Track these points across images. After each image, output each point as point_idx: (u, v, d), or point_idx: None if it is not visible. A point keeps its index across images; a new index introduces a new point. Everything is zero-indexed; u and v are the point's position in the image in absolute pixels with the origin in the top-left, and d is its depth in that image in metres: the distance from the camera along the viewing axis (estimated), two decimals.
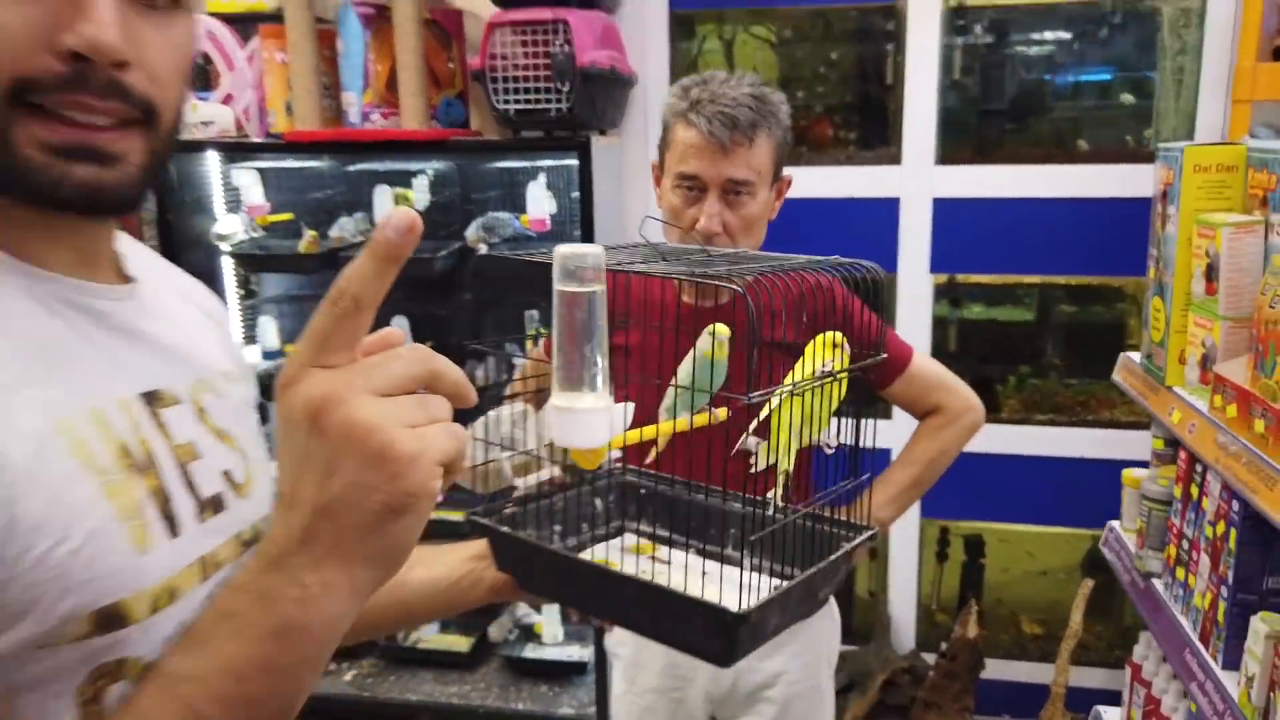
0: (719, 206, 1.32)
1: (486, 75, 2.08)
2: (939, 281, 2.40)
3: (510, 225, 2.29)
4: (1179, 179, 1.15)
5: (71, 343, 0.58)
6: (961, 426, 1.46)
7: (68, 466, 0.53)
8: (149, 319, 0.65)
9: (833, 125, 2.54)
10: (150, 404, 0.61)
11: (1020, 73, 2.43)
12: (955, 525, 2.54)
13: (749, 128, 1.29)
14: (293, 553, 0.49)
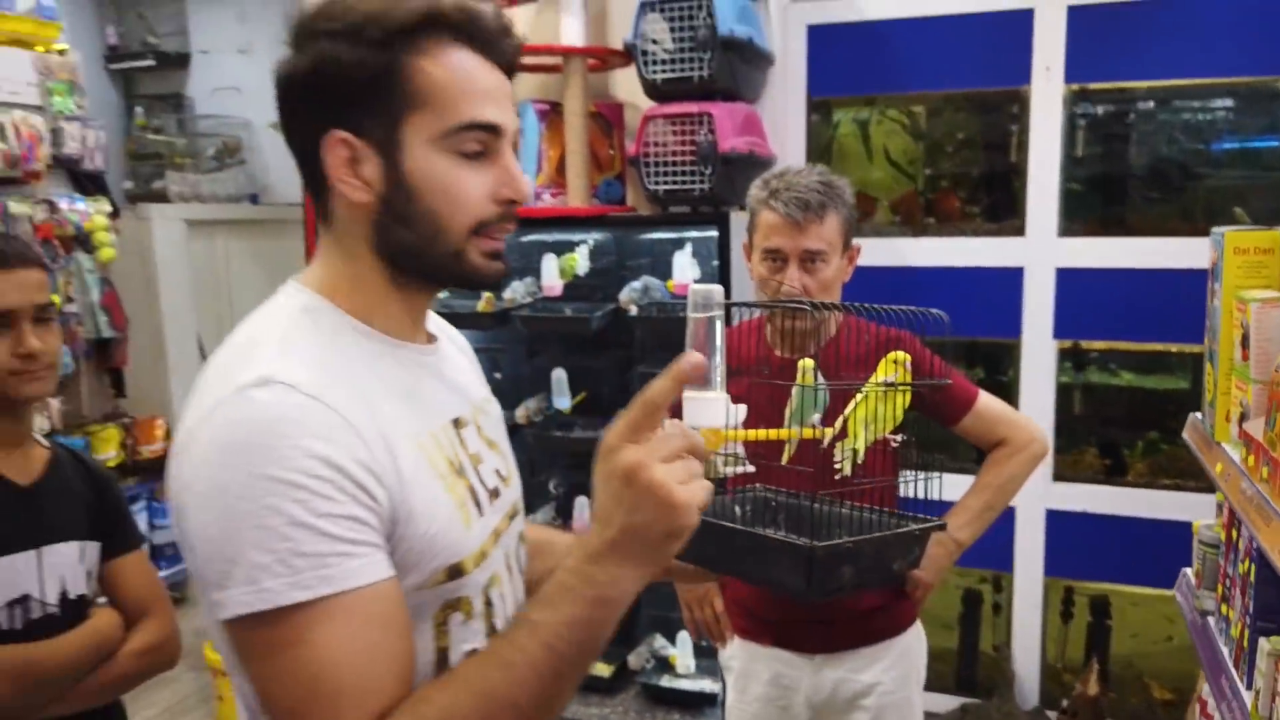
0: (799, 273, 1.58)
1: (641, 160, 2.39)
2: (1063, 346, 2.50)
3: (658, 290, 2.57)
4: (1221, 259, 1.29)
5: (415, 387, 0.87)
6: (1027, 456, 1.65)
7: (427, 474, 0.82)
8: (446, 365, 0.96)
9: (961, 199, 2.70)
10: (456, 427, 0.91)
11: (1138, 152, 2.54)
12: (1080, 585, 2.59)
13: (819, 207, 1.55)
14: (605, 554, 0.75)
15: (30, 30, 3.65)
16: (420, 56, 0.82)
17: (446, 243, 0.85)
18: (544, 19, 2.75)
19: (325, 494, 0.73)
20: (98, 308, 3.81)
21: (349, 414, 0.77)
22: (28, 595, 1.37)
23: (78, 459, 1.53)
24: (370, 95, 0.82)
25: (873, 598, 1.64)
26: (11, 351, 1.35)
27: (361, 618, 0.74)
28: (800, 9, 2.64)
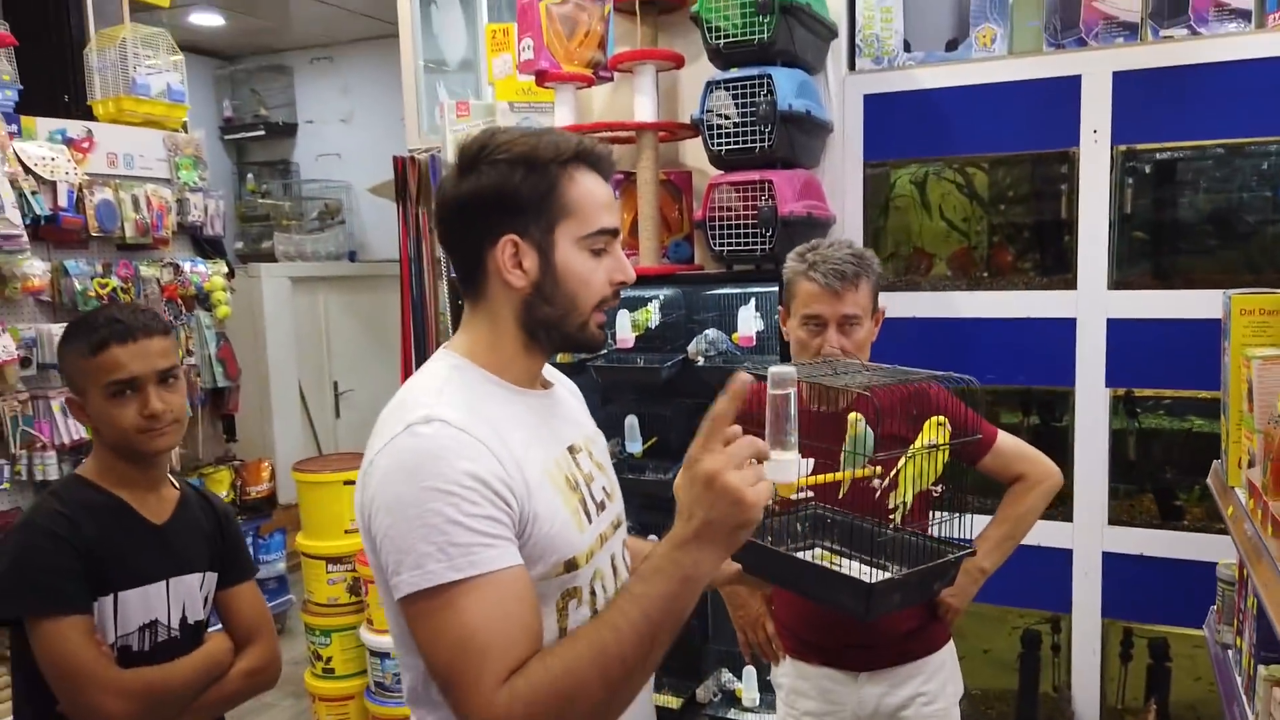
0: (837, 336, 1.76)
1: (707, 223, 2.59)
2: (1116, 394, 2.59)
3: (724, 342, 2.76)
4: (1229, 319, 1.41)
5: (538, 423, 1.15)
6: (1044, 490, 1.82)
7: (550, 490, 1.09)
8: (560, 406, 1.24)
9: (1014, 254, 2.83)
10: (571, 453, 1.18)
11: (1184, 208, 2.63)
12: (1139, 627, 2.64)
13: (854, 276, 1.75)
14: (689, 542, 0.96)
15: (162, 112, 4.07)
16: (569, 180, 1.11)
17: (577, 317, 1.14)
18: (619, 96, 3.01)
19: (472, 500, 0.99)
20: (214, 359, 4.16)
21: (489, 442, 1.03)
22: (156, 620, 1.56)
23: (203, 496, 1.72)
24: (534, 207, 1.10)
25: (909, 621, 1.81)
26: (139, 413, 1.52)
27: (499, 593, 0.98)
28: (857, 80, 2.83)
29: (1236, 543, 1.28)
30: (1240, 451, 1.38)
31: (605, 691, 0.95)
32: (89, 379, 1.53)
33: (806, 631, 1.88)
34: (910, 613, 1.81)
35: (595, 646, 0.96)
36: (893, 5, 2.79)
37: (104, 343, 1.52)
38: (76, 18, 4.24)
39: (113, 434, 1.53)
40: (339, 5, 5.86)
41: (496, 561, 0.98)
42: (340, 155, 6.79)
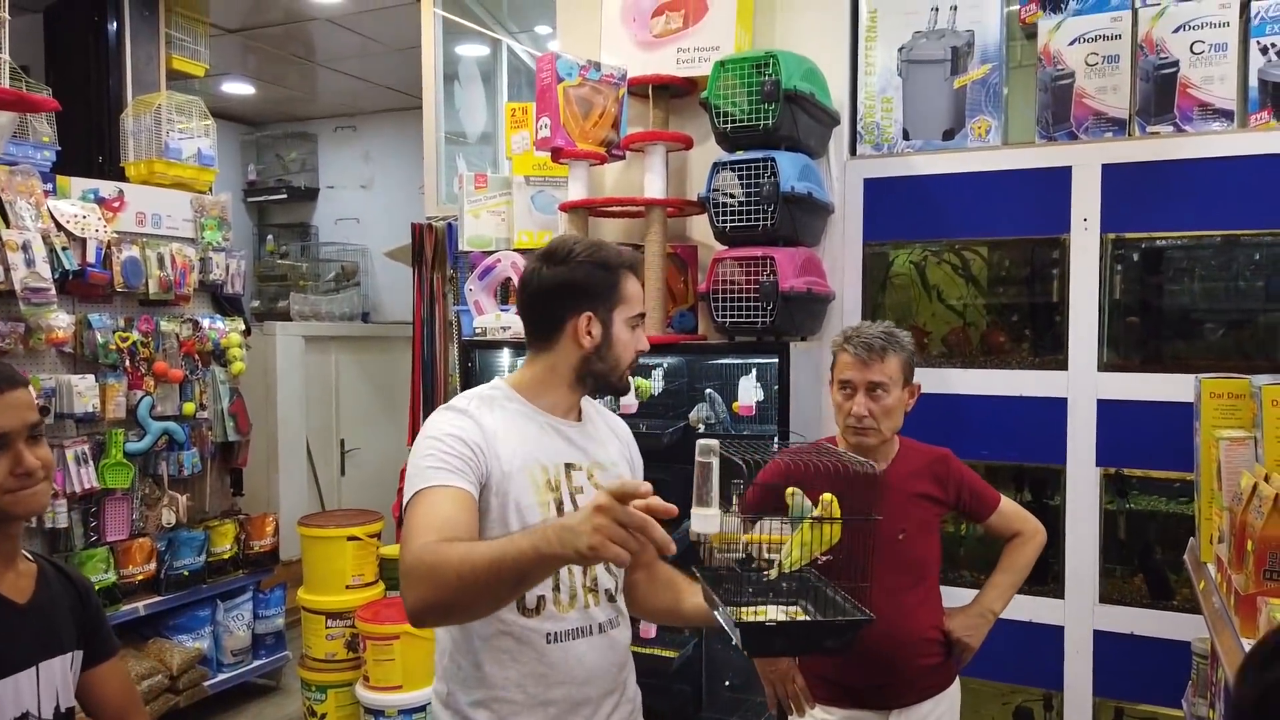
0: (865, 400, 2.01)
1: (711, 295, 2.69)
2: (1106, 473, 2.65)
3: (724, 411, 2.83)
4: (1199, 402, 1.49)
5: (544, 440, 1.59)
6: (1036, 544, 2.16)
7: (525, 479, 1.53)
8: (584, 437, 1.66)
9: (1006, 334, 2.92)
10: (567, 468, 1.59)
11: (1172, 294, 2.73)
12: (1130, 707, 2.65)
13: (881, 350, 2.00)
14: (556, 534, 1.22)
15: (192, 175, 4.24)
16: (625, 279, 1.62)
17: (617, 371, 1.64)
18: (630, 174, 3.14)
19: (446, 446, 1.49)
20: (226, 414, 4.25)
21: (484, 425, 1.54)
22: (27, 713, 1.38)
23: (59, 569, 1.54)
24: (604, 295, 1.60)
25: (931, 658, 2.05)
26: (10, 471, 1.38)
27: (445, 500, 1.43)
28: (858, 164, 2.95)
29: (1205, 615, 1.34)
30: (1212, 528, 1.44)
31: (457, 575, 1.28)
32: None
33: (835, 674, 2.06)
34: (929, 651, 2.04)
35: (473, 546, 1.33)
36: (893, 96, 2.94)
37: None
38: (115, 84, 4.45)
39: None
40: (364, 78, 6.10)
41: (447, 481, 1.45)
42: (359, 220, 6.98)
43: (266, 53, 5.66)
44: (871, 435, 2.04)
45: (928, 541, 2.10)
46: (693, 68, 2.94)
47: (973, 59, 2.87)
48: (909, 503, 2.07)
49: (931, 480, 2.10)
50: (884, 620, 1.87)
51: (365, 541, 3.52)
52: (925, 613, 2.08)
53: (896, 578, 1.97)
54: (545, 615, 1.52)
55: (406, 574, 1.34)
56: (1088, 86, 2.72)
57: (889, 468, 2.07)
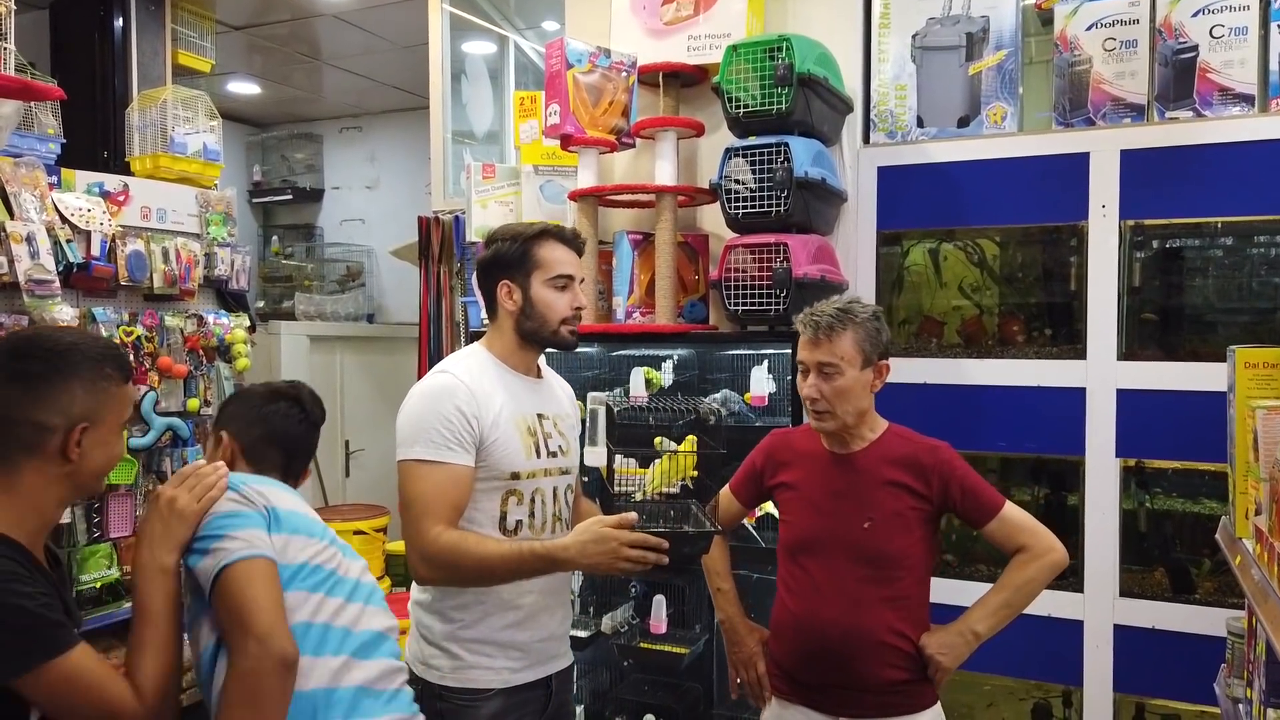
0: (816, 380, 1.90)
1: (723, 284, 2.65)
2: (1126, 465, 2.60)
3: (735, 402, 2.79)
4: (1233, 374, 1.44)
5: (520, 395, 1.91)
6: (1044, 564, 1.86)
7: (510, 427, 1.85)
8: (547, 389, 2.02)
9: (1023, 323, 2.87)
10: (539, 417, 1.93)
11: (1192, 281, 2.68)
12: (1152, 702, 2.59)
13: (828, 329, 1.88)
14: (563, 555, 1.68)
15: (197, 170, 4.20)
16: (534, 246, 1.89)
17: (547, 327, 1.91)
18: (641, 161, 3.11)
19: (450, 426, 1.75)
20: None
21: (474, 390, 1.80)
22: None
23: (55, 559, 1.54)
24: (517, 264, 1.90)
25: (895, 671, 1.86)
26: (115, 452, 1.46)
27: (444, 476, 1.72)
28: (871, 152, 2.92)
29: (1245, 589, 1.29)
30: (1247, 502, 1.39)
31: (477, 569, 1.69)
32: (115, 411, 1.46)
33: (793, 666, 1.95)
34: (896, 663, 1.86)
35: (488, 549, 1.70)
36: (907, 83, 2.90)
37: (130, 375, 1.49)
38: (121, 79, 4.43)
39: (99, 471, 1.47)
40: (370, 77, 6.08)
41: (451, 458, 1.73)
42: (364, 221, 6.95)
43: (272, 51, 5.65)
44: (827, 419, 1.91)
45: (902, 537, 1.89)
46: (704, 55, 2.91)
47: (988, 45, 2.83)
48: (879, 490, 1.90)
49: (909, 469, 1.91)
50: (836, 612, 1.88)
51: (371, 536, 3.48)
52: (887, 614, 1.87)
53: (854, 567, 1.88)
54: (520, 537, 1.86)
55: (429, 560, 1.69)
56: (1105, 72, 2.68)
57: (862, 451, 1.95)
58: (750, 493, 2.15)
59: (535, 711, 1.90)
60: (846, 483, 1.94)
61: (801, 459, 2.02)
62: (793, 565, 1.99)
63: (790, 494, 2.02)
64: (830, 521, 1.93)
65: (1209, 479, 2.59)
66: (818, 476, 1.98)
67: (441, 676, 1.82)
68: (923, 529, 1.92)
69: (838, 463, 1.97)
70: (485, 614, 1.82)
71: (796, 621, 1.94)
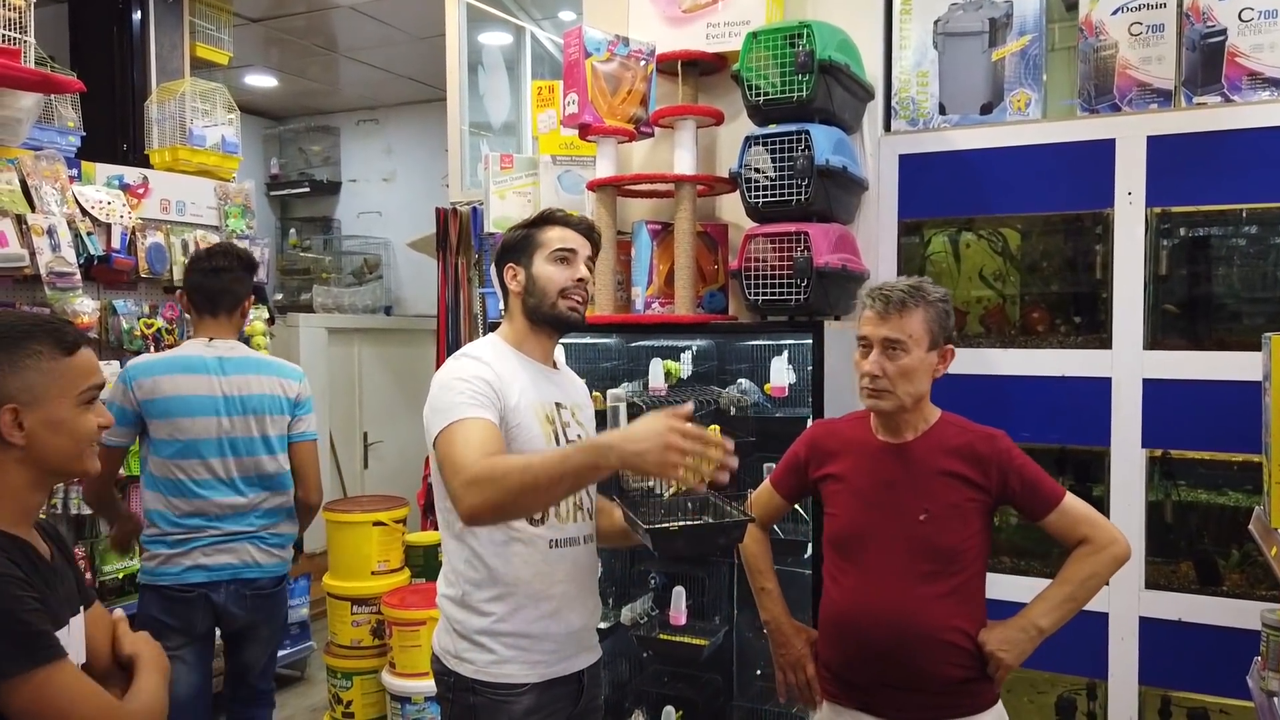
0: (878, 356, 1.83)
1: (742, 273, 2.62)
2: (1152, 455, 2.57)
3: (755, 393, 2.77)
4: (1269, 361, 1.42)
5: (538, 383, 1.90)
6: (1108, 556, 1.81)
7: (530, 414, 1.84)
8: (563, 380, 2.02)
9: (1048, 312, 2.84)
10: (557, 406, 1.91)
11: (1220, 269, 2.64)
12: (1178, 695, 2.56)
13: (899, 304, 1.82)
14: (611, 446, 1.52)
15: (215, 162, 4.22)
16: (537, 230, 1.94)
17: (547, 299, 1.90)
18: (659, 151, 3.09)
19: (475, 386, 1.75)
20: None
21: (497, 369, 1.82)
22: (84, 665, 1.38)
23: (45, 529, 1.50)
24: (521, 248, 1.94)
25: (955, 670, 1.78)
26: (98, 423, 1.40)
27: (477, 426, 1.69)
28: (892, 140, 2.89)
29: None
30: None
31: (520, 482, 1.56)
32: (57, 385, 1.35)
33: (846, 670, 1.87)
34: (956, 662, 1.78)
35: (528, 457, 1.64)
36: (928, 69, 2.87)
37: (76, 344, 1.37)
38: (139, 71, 4.44)
39: (65, 451, 1.37)
40: (386, 68, 6.08)
41: (476, 413, 1.71)
42: (381, 213, 6.97)
43: (289, 43, 5.65)
44: (886, 399, 1.83)
45: (960, 530, 1.82)
46: (723, 43, 2.88)
47: (1011, 30, 2.79)
48: (935, 481, 1.83)
49: (967, 460, 1.84)
50: (892, 610, 1.80)
51: (391, 527, 3.48)
52: (947, 611, 1.79)
53: (913, 563, 1.80)
54: (548, 526, 1.83)
55: (473, 481, 1.59)
56: (1131, 57, 2.64)
57: (915, 440, 1.88)
58: (793, 486, 2.07)
59: (566, 708, 1.88)
60: (900, 473, 1.86)
61: (849, 448, 1.94)
62: (841, 560, 1.91)
63: (838, 486, 1.94)
64: (883, 514, 1.85)
65: (1236, 470, 2.55)
66: (868, 467, 1.90)
67: (476, 671, 1.80)
68: (980, 521, 1.85)
69: (890, 452, 1.88)
70: (518, 606, 1.80)
71: (848, 620, 1.86)
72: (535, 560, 1.81)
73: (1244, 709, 2.47)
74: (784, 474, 2.08)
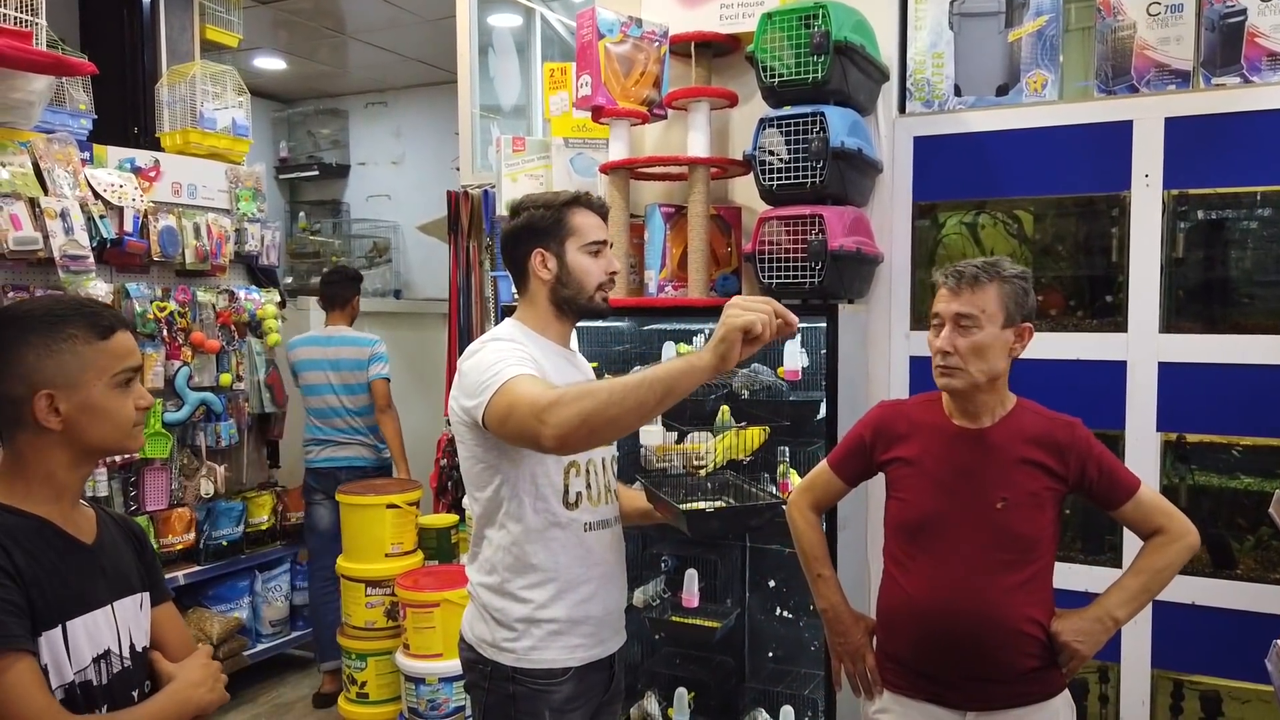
0: (950, 334, 1.79)
1: (756, 256, 2.62)
2: (1167, 439, 2.56)
3: (768, 375, 2.77)
4: None
5: (564, 367, 1.89)
6: (1182, 546, 1.79)
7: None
8: (575, 362, 1.99)
9: (1064, 296, 2.82)
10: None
11: (1237, 253, 2.62)
12: (1190, 679, 2.57)
13: (972, 279, 1.78)
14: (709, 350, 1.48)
15: (226, 145, 4.22)
16: (568, 213, 1.88)
17: (584, 294, 1.89)
18: (672, 133, 3.07)
19: (517, 352, 1.72)
20: (262, 385, 4.24)
21: (528, 349, 1.77)
22: (109, 650, 1.38)
23: (112, 515, 1.54)
24: (551, 231, 1.88)
25: (1029, 660, 1.76)
26: (136, 405, 1.40)
27: (528, 382, 1.62)
28: (907, 122, 2.87)
29: None
30: None
31: (608, 401, 1.48)
32: (93, 368, 1.35)
33: (916, 659, 1.84)
34: (1031, 652, 1.77)
35: (611, 380, 1.54)
36: (944, 50, 2.85)
37: (112, 327, 1.38)
38: (150, 54, 4.43)
39: (104, 434, 1.37)
40: (395, 50, 6.06)
41: (525, 369, 1.66)
42: (390, 196, 6.96)
43: (298, 25, 5.63)
44: (957, 376, 1.77)
45: (1037, 519, 1.78)
46: (736, 24, 2.86)
47: (1028, 11, 2.76)
48: (1014, 469, 1.79)
49: (1046, 448, 1.79)
50: (968, 599, 1.76)
51: (404, 510, 3.50)
52: (1023, 601, 1.76)
53: (989, 552, 1.76)
54: (582, 509, 1.83)
55: (554, 403, 1.52)
56: (1149, 38, 2.62)
57: (994, 426, 1.82)
58: (856, 469, 2.01)
59: (599, 694, 1.88)
60: (976, 459, 1.81)
61: (920, 432, 1.89)
62: (911, 547, 1.86)
63: (907, 470, 1.88)
64: (959, 501, 1.80)
65: (1252, 454, 2.54)
66: (941, 451, 1.85)
67: (517, 659, 1.78)
68: (1054, 510, 1.82)
69: (966, 438, 1.84)
70: (559, 591, 1.79)
71: (920, 609, 1.82)
72: (572, 544, 1.81)
73: (1257, 692, 2.47)
74: (846, 456, 2.02)
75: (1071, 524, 2.75)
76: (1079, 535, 2.75)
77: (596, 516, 1.87)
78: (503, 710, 1.79)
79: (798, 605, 2.92)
